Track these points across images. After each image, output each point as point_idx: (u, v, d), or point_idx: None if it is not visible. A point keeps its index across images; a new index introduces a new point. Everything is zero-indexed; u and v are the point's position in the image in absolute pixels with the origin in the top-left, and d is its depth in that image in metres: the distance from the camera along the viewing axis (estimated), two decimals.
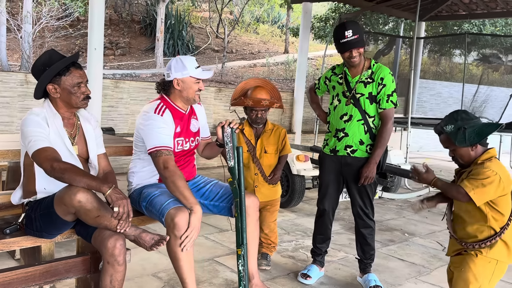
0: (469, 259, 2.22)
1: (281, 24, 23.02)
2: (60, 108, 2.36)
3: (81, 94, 2.33)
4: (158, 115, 2.63)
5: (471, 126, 2.18)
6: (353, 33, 2.92)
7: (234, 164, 2.64)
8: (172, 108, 2.73)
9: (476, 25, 13.13)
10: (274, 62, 16.33)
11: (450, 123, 2.22)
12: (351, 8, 12.41)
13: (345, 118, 3.10)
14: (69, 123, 2.40)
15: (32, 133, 2.21)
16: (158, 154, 2.57)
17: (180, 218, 2.42)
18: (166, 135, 2.62)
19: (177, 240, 2.43)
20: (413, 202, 2.44)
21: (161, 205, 2.53)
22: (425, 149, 11.47)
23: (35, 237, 2.30)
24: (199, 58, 16.43)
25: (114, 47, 15.61)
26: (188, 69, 2.68)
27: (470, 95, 11.22)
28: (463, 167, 2.30)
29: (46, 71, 2.27)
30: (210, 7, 18.57)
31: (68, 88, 2.30)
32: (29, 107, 6.35)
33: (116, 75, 12.06)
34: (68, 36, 13.56)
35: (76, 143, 2.40)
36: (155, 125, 2.61)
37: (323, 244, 3.37)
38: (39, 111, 2.31)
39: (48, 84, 2.30)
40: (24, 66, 10.48)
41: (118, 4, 18.34)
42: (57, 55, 2.33)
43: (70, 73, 2.30)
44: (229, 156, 2.64)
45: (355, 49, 2.96)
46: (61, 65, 2.28)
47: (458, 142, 2.18)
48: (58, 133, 2.31)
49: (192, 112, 2.87)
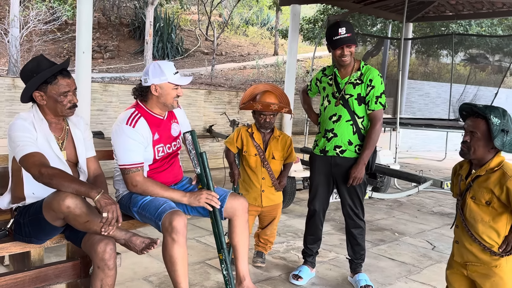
0: (496, 270, 2.16)
1: (270, 26, 23.08)
2: (47, 115, 2.34)
3: (67, 102, 2.32)
4: (130, 126, 2.58)
5: (511, 136, 2.08)
6: (346, 31, 2.96)
7: (200, 171, 2.64)
8: (147, 115, 2.68)
9: (463, 25, 13.28)
10: (263, 64, 16.37)
11: (498, 116, 2.06)
12: (339, 10, 12.48)
13: (334, 119, 3.12)
14: (57, 127, 2.39)
15: (20, 138, 2.19)
16: (126, 172, 2.61)
17: (178, 221, 2.42)
18: (135, 150, 2.59)
19: (174, 243, 2.43)
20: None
21: (156, 209, 2.53)
22: (414, 149, 11.57)
23: (24, 242, 2.28)
24: (188, 61, 16.40)
25: (103, 51, 15.53)
26: (166, 74, 2.63)
27: (458, 94, 11.33)
28: (465, 157, 2.20)
29: (33, 78, 2.25)
30: (199, 9, 18.56)
31: (54, 96, 2.28)
32: (16, 111, 6.29)
33: (105, 79, 12.00)
34: (56, 40, 13.46)
35: (64, 148, 2.39)
36: (125, 139, 2.59)
37: (314, 245, 3.39)
38: (27, 115, 2.30)
39: (34, 91, 2.28)
40: (12, 71, 10.38)
41: (106, 7, 18.25)
42: (45, 62, 2.31)
43: (56, 82, 2.28)
44: (194, 163, 2.62)
45: (347, 48, 2.99)
46: (47, 74, 2.26)
47: (496, 140, 2.06)
48: (45, 138, 2.30)
49: (172, 116, 2.84)
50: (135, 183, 2.61)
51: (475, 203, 2.18)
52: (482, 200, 2.15)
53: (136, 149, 2.60)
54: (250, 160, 3.37)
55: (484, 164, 2.16)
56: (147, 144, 2.65)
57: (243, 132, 3.43)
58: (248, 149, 3.38)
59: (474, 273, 2.23)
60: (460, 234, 2.28)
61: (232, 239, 2.86)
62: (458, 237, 2.30)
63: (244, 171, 3.44)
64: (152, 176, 2.71)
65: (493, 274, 2.17)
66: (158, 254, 3.27)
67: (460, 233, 2.28)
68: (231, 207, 2.78)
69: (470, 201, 2.20)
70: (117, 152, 2.64)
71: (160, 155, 2.73)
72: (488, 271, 2.18)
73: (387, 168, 5.44)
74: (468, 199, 2.21)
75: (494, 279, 2.16)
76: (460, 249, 2.27)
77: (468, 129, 2.16)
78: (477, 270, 2.22)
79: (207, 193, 2.63)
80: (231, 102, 8.70)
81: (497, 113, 2.08)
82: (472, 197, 2.19)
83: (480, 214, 2.17)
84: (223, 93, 8.79)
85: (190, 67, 15.47)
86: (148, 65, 2.71)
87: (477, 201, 2.17)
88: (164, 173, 2.79)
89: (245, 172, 3.43)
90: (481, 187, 2.16)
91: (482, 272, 2.20)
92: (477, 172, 2.19)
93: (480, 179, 2.18)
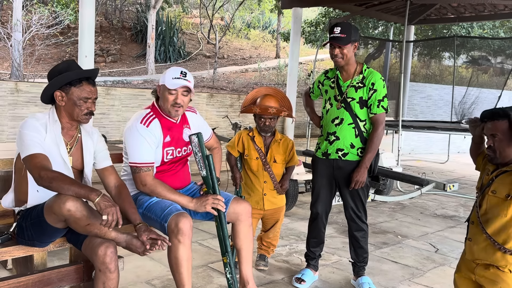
0: (503, 276, 2.15)
1: (272, 29, 23.12)
2: (62, 117, 2.37)
3: (85, 108, 2.34)
4: (144, 125, 2.61)
5: None
6: (340, 31, 2.97)
7: (206, 174, 2.63)
8: (161, 117, 2.70)
9: (465, 27, 13.28)
10: (265, 67, 16.40)
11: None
12: (341, 12, 12.50)
13: (336, 122, 3.12)
14: (68, 133, 2.41)
15: (28, 136, 2.22)
16: (137, 170, 2.61)
17: (184, 223, 2.42)
18: (148, 149, 2.60)
19: (179, 245, 2.43)
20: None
21: (162, 211, 2.53)
22: (417, 151, 11.55)
23: (27, 246, 2.29)
24: (190, 64, 16.44)
25: (105, 54, 15.59)
26: (165, 76, 2.63)
27: (460, 97, 11.32)
28: (492, 162, 2.20)
29: (58, 77, 2.29)
30: (201, 13, 18.61)
31: (74, 99, 2.31)
32: (19, 115, 6.32)
33: (108, 82, 12.03)
34: (59, 44, 13.52)
35: (71, 154, 2.40)
36: (138, 138, 2.60)
37: (317, 248, 3.38)
38: (41, 116, 2.33)
39: (56, 90, 2.31)
40: (14, 75, 10.42)
41: (108, 11, 18.32)
42: (75, 66, 2.37)
43: (81, 86, 2.31)
44: (200, 166, 2.62)
45: (337, 48, 2.99)
46: (74, 76, 2.30)
47: None
48: (55, 140, 2.31)
49: (185, 121, 2.84)
50: (145, 183, 2.60)
51: (495, 196, 2.17)
52: (503, 193, 2.13)
53: (148, 148, 2.61)
54: (252, 163, 3.37)
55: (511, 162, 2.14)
56: (157, 145, 2.66)
57: (244, 136, 3.43)
58: (250, 153, 3.38)
59: (482, 278, 2.21)
60: (474, 231, 2.26)
61: (236, 243, 2.86)
62: (472, 234, 2.28)
63: (246, 175, 3.44)
64: (158, 178, 2.71)
65: (500, 281, 2.15)
66: (161, 257, 3.27)
67: (475, 229, 2.25)
68: (234, 212, 2.78)
69: (490, 195, 2.19)
70: (129, 150, 2.63)
71: (168, 158, 2.73)
72: (495, 277, 2.17)
73: (389, 171, 5.43)
74: (489, 193, 2.20)
75: (501, 285, 2.15)
76: (472, 246, 2.25)
77: (488, 133, 2.17)
78: (485, 275, 2.20)
79: (213, 198, 2.63)
80: (233, 105, 8.71)
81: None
82: (493, 191, 2.18)
83: (498, 209, 2.16)
84: (225, 96, 8.80)
85: (192, 70, 15.52)
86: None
87: (498, 194, 2.15)
88: (172, 178, 2.79)
89: (247, 176, 3.43)
90: (504, 181, 2.15)
91: (490, 278, 2.19)
92: (503, 168, 2.17)
93: (504, 174, 2.17)
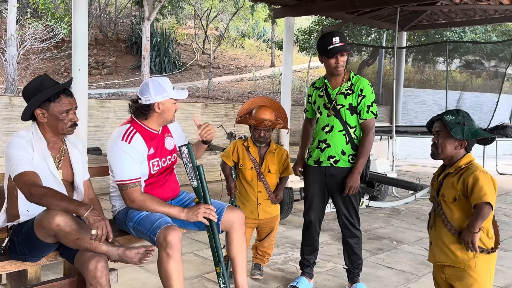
0: (469, 270, 2.25)
1: (266, 38, 23.23)
2: (47, 133, 2.38)
3: (68, 121, 2.36)
4: (126, 142, 2.61)
5: (469, 125, 2.31)
6: (340, 40, 3.01)
7: (197, 184, 2.64)
8: (143, 130, 2.71)
9: (457, 32, 13.38)
10: (260, 76, 16.45)
11: (451, 114, 2.33)
12: (333, 20, 12.59)
13: (326, 129, 3.15)
14: (54, 147, 2.42)
15: (16, 156, 2.23)
16: (123, 187, 2.62)
17: (172, 236, 2.42)
18: (132, 165, 2.61)
19: (169, 258, 2.43)
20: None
21: (151, 224, 2.54)
22: (412, 157, 11.58)
23: (20, 261, 2.29)
24: (186, 75, 16.49)
25: (101, 67, 15.62)
26: (168, 91, 2.68)
27: (454, 101, 11.38)
28: (435, 158, 2.39)
29: (36, 96, 2.30)
30: (195, 23, 18.71)
31: (56, 114, 2.33)
32: (14, 130, 6.32)
33: (103, 94, 12.06)
34: (54, 58, 13.54)
35: (60, 167, 2.42)
36: (121, 155, 2.60)
37: (311, 256, 3.39)
38: (25, 134, 2.33)
39: (36, 108, 2.32)
40: (9, 89, 10.43)
41: (103, 24, 18.40)
42: (49, 81, 2.37)
43: (59, 100, 2.33)
44: (190, 176, 2.63)
45: (341, 56, 3.03)
46: (51, 92, 2.31)
47: (454, 132, 2.27)
48: (42, 157, 2.32)
49: (166, 130, 2.87)
50: (133, 199, 2.62)
51: (444, 200, 2.32)
52: (450, 197, 2.29)
53: (132, 164, 2.61)
54: (246, 173, 3.38)
55: (455, 163, 2.33)
56: (142, 159, 2.67)
57: (239, 146, 3.45)
58: (244, 163, 3.40)
59: (451, 276, 2.33)
60: (434, 235, 2.40)
61: (230, 252, 2.86)
62: (432, 239, 2.41)
63: (240, 184, 3.45)
64: (148, 192, 2.72)
65: (467, 276, 2.26)
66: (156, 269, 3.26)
67: (434, 234, 2.39)
68: (228, 220, 2.79)
69: (441, 199, 2.34)
70: (114, 168, 2.65)
71: (155, 170, 2.74)
72: (461, 273, 2.27)
73: (383, 177, 5.45)
74: (440, 198, 2.34)
75: (467, 280, 2.26)
76: (433, 249, 2.39)
77: (434, 130, 2.38)
78: (454, 273, 2.31)
79: (204, 207, 2.64)
80: (228, 115, 8.74)
81: (451, 112, 2.35)
82: (442, 195, 2.33)
83: (450, 212, 2.30)
84: (220, 106, 8.83)
85: (188, 80, 15.56)
86: (145, 83, 2.71)
87: (446, 198, 2.31)
88: (161, 189, 2.80)
89: (242, 185, 3.44)
90: (449, 184, 2.31)
91: (457, 275, 2.29)
92: (447, 170, 2.35)
93: (449, 177, 2.33)
